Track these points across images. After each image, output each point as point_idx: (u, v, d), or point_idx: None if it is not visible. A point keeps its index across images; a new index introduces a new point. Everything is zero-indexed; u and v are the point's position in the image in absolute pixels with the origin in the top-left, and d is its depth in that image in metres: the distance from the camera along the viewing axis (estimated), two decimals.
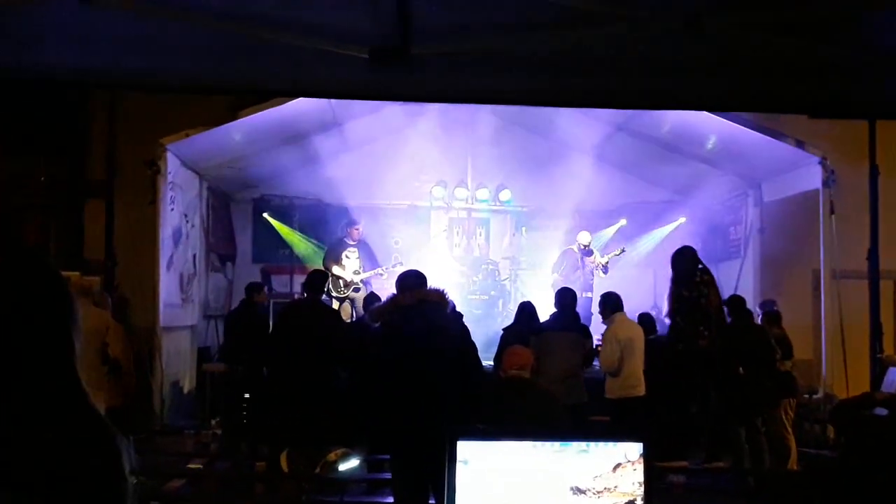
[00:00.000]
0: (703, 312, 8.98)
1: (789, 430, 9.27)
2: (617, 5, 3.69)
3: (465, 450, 2.82)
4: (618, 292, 9.58)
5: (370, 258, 13.66)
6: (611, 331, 9.09)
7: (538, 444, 2.85)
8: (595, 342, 9.57)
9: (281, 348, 8.67)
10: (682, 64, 3.90)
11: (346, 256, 13.41)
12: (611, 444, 2.84)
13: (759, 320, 9.84)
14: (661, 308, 13.09)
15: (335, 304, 13.03)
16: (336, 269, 13.27)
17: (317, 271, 9.93)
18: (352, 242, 13.51)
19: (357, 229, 13.55)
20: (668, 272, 9.41)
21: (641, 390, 8.94)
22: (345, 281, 13.32)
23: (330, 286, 13.14)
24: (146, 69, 3.89)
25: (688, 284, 9.06)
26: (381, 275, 13.29)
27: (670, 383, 9.25)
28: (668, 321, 9.32)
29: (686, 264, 9.18)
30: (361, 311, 11.52)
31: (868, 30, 3.86)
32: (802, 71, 3.95)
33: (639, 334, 9.19)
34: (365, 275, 13.37)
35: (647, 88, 4.08)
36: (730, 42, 3.82)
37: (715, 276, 13.84)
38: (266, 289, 15.14)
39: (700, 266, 9.31)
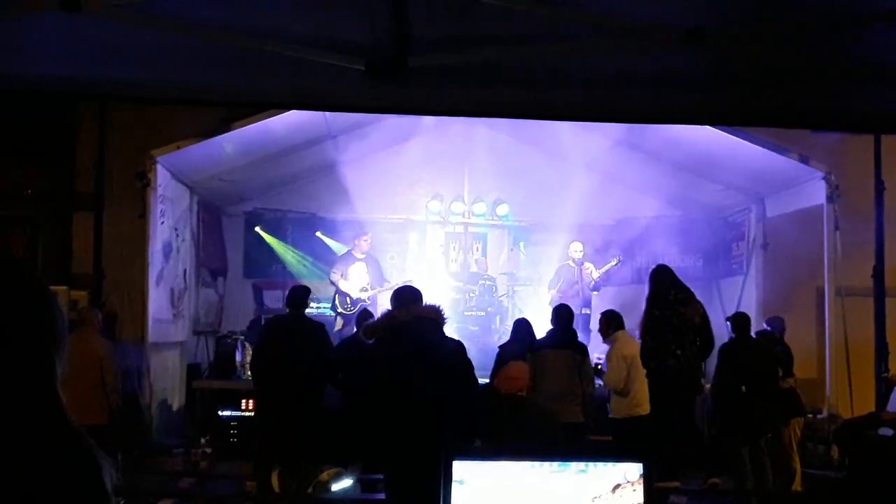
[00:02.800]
0: (676, 332, 8.85)
1: (795, 450, 9.13)
2: (617, 18, 3.68)
3: (461, 470, 2.78)
4: (617, 310, 9.49)
5: (378, 273, 13.26)
6: (615, 349, 8.99)
7: (536, 464, 2.80)
8: (594, 360, 9.43)
9: (265, 366, 8.49)
10: (683, 78, 3.90)
11: (354, 271, 13.02)
12: (610, 465, 2.80)
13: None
14: None
15: (339, 321, 12.73)
16: (342, 284, 12.87)
17: (299, 286, 9.64)
18: (360, 256, 13.07)
19: (365, 240, 13.13)
20: None
21: (646, 408, 8.81)
22: (350, 298, 12.83)
23: (336, 302, 12.86)
24: (137, 80, 3.84)
25: (659, 304, 8.97)
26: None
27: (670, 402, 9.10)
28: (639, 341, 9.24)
29: (658, 284, 9.10)
30: (354, 328, 11.29)
31: (873, 43, 3.84)
32: (806, 85, 3.92)
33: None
34: (371, 292, 12.87)
35: (648, 102, 4.04)
36: (732, 56, 3.84)
37: (715, 294, 13.87)
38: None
39: (675, 285, 9.22)
